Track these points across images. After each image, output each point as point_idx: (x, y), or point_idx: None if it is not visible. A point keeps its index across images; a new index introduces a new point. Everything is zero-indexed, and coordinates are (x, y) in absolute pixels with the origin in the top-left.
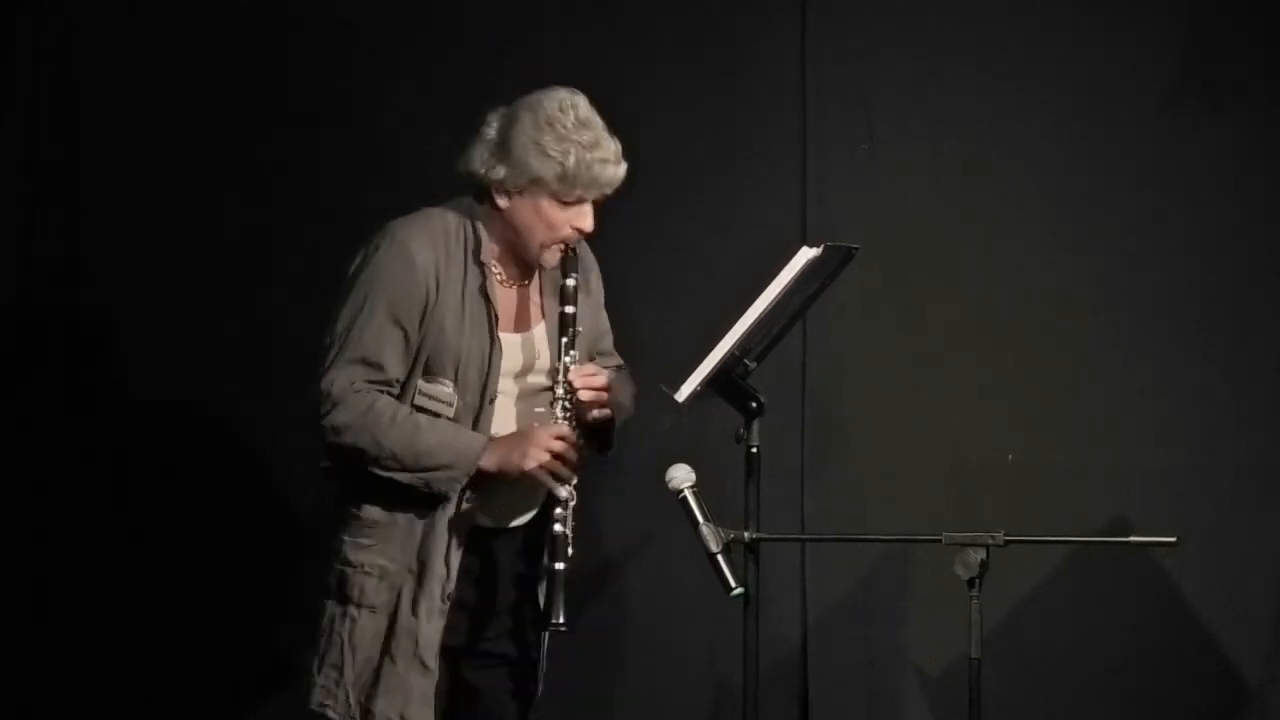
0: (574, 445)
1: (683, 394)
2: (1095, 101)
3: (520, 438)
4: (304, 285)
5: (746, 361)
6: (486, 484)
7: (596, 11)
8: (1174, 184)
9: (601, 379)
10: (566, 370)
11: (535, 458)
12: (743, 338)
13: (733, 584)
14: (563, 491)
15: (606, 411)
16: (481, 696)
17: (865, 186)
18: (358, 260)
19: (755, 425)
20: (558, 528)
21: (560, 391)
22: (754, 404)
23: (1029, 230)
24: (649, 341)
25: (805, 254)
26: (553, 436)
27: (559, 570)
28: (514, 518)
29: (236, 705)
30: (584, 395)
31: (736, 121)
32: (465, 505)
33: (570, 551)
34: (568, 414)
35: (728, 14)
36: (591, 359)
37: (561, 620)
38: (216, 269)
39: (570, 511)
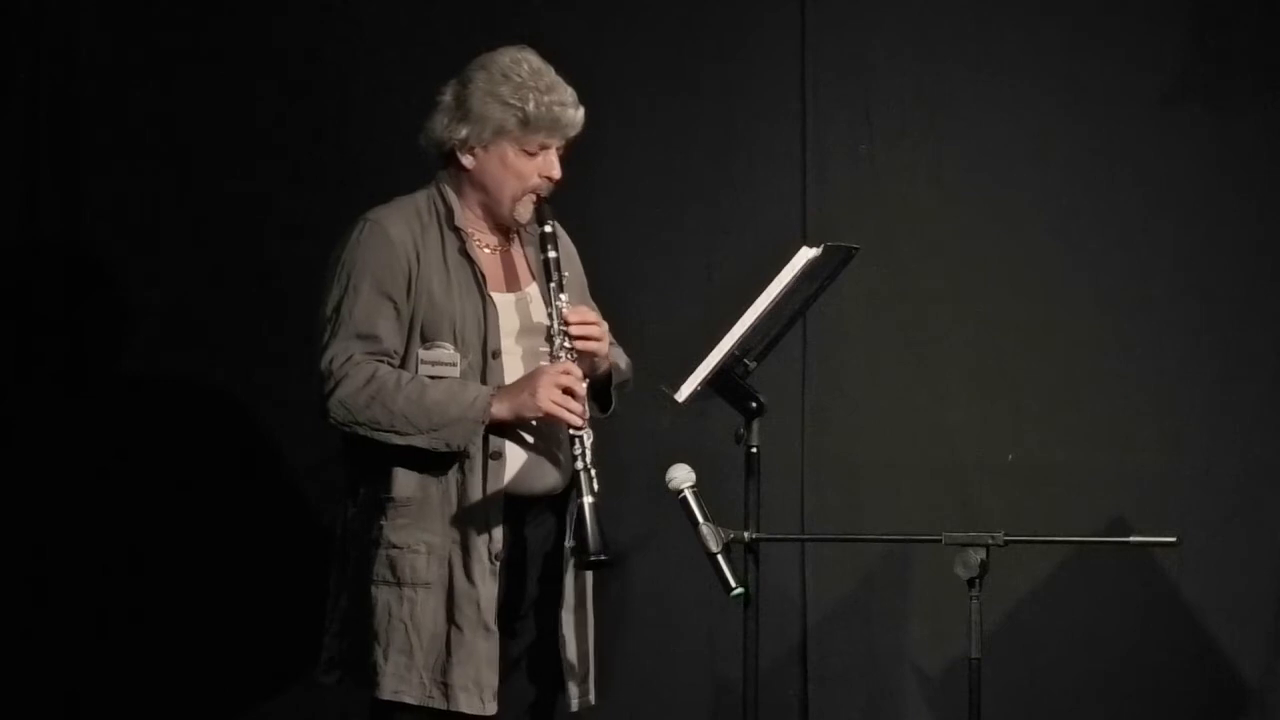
0: (581, 380)
1: (683, 394)
2: (1095, 101)
3: (528, 379)
4: (306, 272)
5: (746, 361)
6: (507, 435)
7: (596, 10)
8: (1174, 184)
9: (594, 316)
10: (560, 311)
11: (547, 395)
12: (743, 338)
13: (733, 584)
14: (578, 421)
15: (603, 346)
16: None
17: (865, 186)
18: (336, 249)
19: (755, 425)
20: (579, 465)
21: (557, 329)
22: (754, 404)
23: (1029, 230)
24: (649, 341)
25: (805, 254)
26: (560, 372)
27: (589, 504)
28: (543, 481)
29: (237, 705)
30: (575, 330)
31: (736, 121)
32: (492, 461)
33: (596, 486)
34: (570, 353)
35: (727, 14)
36: None
37: (601, 552)
38: (218, 258)
39: (589, 447)
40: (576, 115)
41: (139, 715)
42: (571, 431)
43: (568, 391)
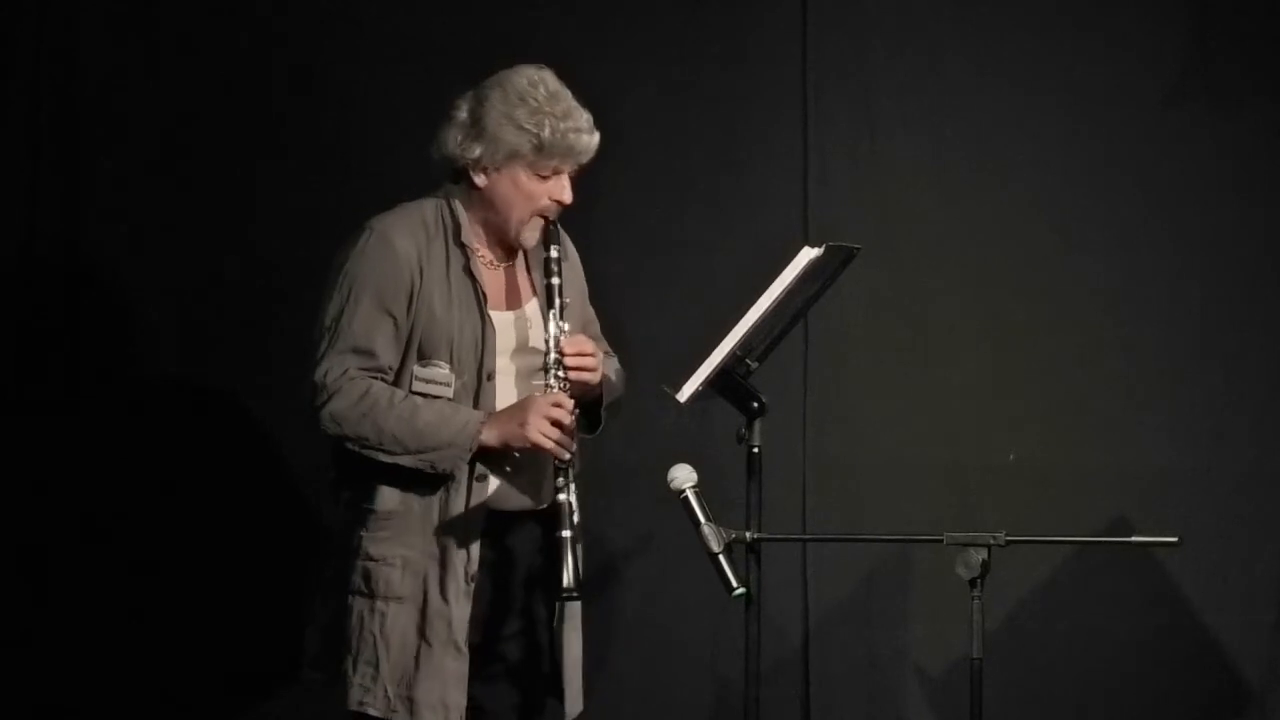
0: (571, 412)
1: (684, 394)
2: (1096, 101)
3: (519, 408)
4: (306, 272)
5: (748, 361)
6: (493, 460)
7: (597, 11)
8: (1174, 184)
9: (590, 346)
10: (558, 339)
11: (537, 426)
12: (745, 337)
13: (734, 584)
14: (565, 455)
15: (596, 376)
16: (484, 700)
17: (867, 186)
18: (339, 256)
19: (757, 425)
20: (561, 496)
21: (553, 360)
22: (755, 404)
23: (1030, 230)
24: (650, 341)
25: (807, 254)
26: (551, 404)
27: (567, 538)
28: (527, 499)
29: (238, 705)
30: (570, 361)
31: (738, 121)
32: (476, 483)
33: (576, 519)
34: (562, 383)
35: (728, 15)
36: None
37: (574, 590)
38: (218, 258)
39: (573, 479)
40: (591, 141)
41: (139, 715)
42: (557, 463)
43: (557, 424)
